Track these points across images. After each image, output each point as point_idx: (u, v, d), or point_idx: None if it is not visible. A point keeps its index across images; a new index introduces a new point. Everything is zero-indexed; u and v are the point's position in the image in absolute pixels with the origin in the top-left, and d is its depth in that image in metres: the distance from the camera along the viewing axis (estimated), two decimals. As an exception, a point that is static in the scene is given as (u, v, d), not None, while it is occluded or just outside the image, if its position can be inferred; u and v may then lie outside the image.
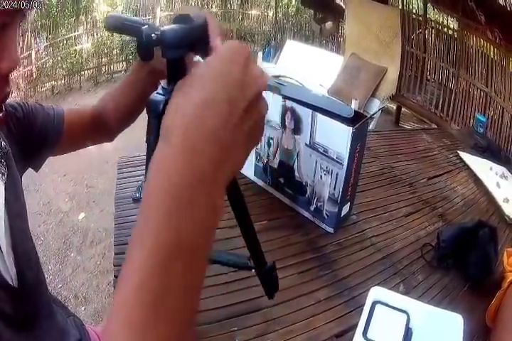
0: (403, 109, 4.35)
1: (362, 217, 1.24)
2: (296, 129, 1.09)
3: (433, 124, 3.54)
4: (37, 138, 0.62)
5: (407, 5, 4.12)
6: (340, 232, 1.15)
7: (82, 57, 6.51)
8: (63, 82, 6.24)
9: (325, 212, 1.12)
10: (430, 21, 3.93)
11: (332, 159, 1.03)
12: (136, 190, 1.26)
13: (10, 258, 0.54)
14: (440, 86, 3.76)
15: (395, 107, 4.54)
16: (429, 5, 3.94)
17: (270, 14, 8.09)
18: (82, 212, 3.34)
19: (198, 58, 0.39)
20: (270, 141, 1.20)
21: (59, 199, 3.49)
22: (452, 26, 3.72)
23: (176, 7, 7.72)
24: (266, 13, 8.21)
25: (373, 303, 0.87)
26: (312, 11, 6.41)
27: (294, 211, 1.21)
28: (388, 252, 1.12)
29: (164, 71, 0.40)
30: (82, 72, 6.48)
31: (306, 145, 1.09)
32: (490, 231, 1.09)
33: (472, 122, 2.96)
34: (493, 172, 1.75)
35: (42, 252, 2.85)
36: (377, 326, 0.82)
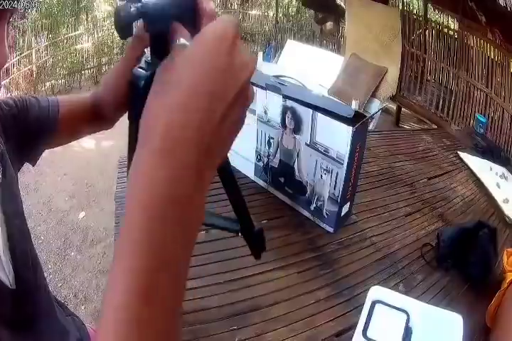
0: (403, 109, 4.35)
1: (362, 217, 1.24)
2: (297, 129, 1.10)
3: (433, 125, 3.52)
4: (32, 132, 0.61)
5: (407, 5, 4.12)
6: (340, 232, 1.15)
7: (82, 57, 6.51)
8: (63, 81, 6.25)
9: (325, 211, 1.12)
10: (430, 22, 3.92)
11: (332, 159, 1.03)
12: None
13: (7, 259, 0.54)
14: (440, 86, 3.75)
15: (395, 107, 4.53)
16: (429, 5, 3.94)
17: (271, 14, 8.10)
18: (83, 211, 3.34)
19: (182, 41, 0.34)
20: (271, 140, 1.20)
21: (59, 199, 3.49)
22: (453, 27, 3.71)
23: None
24: (266, 13, 8.22)
25: (373, 303, 0.87)
26: (313, 11, 6.41)
27: (294, 210, 1.21)
28: (388, 252, 1.12)
29: None
30: (83, 72, 6.49)
31: (307, 144, 1.09)
32: (489, 231, 1.10)
33: (472, 123, 2.96)
34: (493, 173, 1.75)
35: (42, 251, 2.85)
36: (377, 325, 0.82)
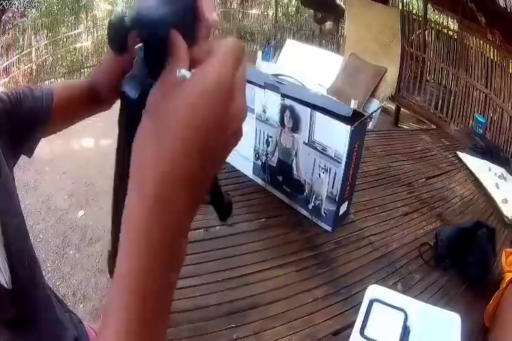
0: (402, 109, 4.35)
1: (360, 216, 1.24)
2: (295, 128, 1.10)
3: (432, 125, 3.53)
4: (26, 125, 0.60)
5: (407, 5, 4.12)
6: (338, 231, 1.15)
7: (82, 55, 6.51)
8: (63, 79, 6.23)
9: (323, 210, 1.12)
10: (430, 22, 3.93)
11: (330, 157, 1.03)
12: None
13: (2, 258, 0.54)
14: (440, 86, 3.75)
15: (394, 107, 4.53)
16: (429, 5, 3.94)
17: (270, 13, 8.10)
18: (81, 209, 3.33)
19: (182, 71, 0.28)
20: (269, 139, 1.20)
21: (58, 197, 3.49)
22: (452, 27, 3.72)
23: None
24: (266, 13, 8.23)
25: (371, 301, 0.87)
26: (312, 11, 6.41)
27: (293, 209, 1.21)
28: (386, 251, 1.12)
29: None
30: (82, 70, 6.48)
31: (305, 143, 1.09)
32: (488, 231, 1.10)
33: (471, 123, 2.96)
34: (492, 173, 1.75)
35: (41, 250, 2.85)
36: (374, 324, 0.82)
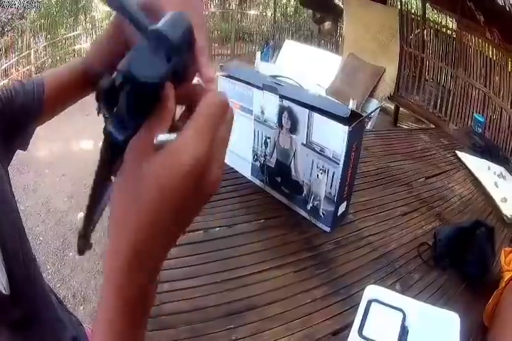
0: (401, 109, 4.35)
1: (358, 216, 1.24)
2: (293, 129, 1.10)
3: (431, 124, 3.53)
4: (19, 121, 0.59)
5: (405, 5, 4.12)
6: (336, 231, 1.15)
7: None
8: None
9: (321, 211, 1.12)
10: (429, 21, 3.93)
11: (328, 158, 1.03)
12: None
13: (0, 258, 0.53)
14: (438, 86, 3.76)
15: (393, 107, 4.53)
16: (427, 5, 3.94)
17: (269, 14, 8.11)
18: (81, 211, 3.33)
19: (161, 137, 0.28)
20: (267, 140, 1.20)
21: (58, 199, 3.49)
22: (451, 26, 3.71)
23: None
24: (264, 13, 8.24)
25: (369, 301, 0.87)
26: (311, 11, 6.42)
27: (291, 210, 1.21)
28: (385, 251, 1.12)
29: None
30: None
31: (303, 144, 1.09)
32: (487, 230, 1.10)
33: (470, 122, 2.96)
34: (491, 172, 1.75)
35: (41, 252, 2.85)
36: (373, 324, 0.83)
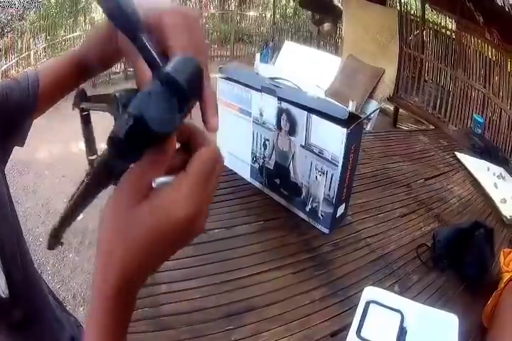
0: (401, 110, 4.36)
1: (357, 218, 1.25)
2: (292, 131, 1.10)
3: (431, 125, 3.54)
4: (15, 119, 0.58)
5: (405, 6, 4.13)
6: (335, 233, 1.16)
7: (80, 59, 6.51)
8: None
9: (320, 212, 1.13)
10: (428, 22, 3.93)
11: (327, 160, 1.04)
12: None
13: None
14: (438, 87, 3.76)
15: (392, 108, 4.54)
16: (427, 6, 3.95)
17: (268, 15, 8.13)
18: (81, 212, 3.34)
19: (161, 181, 0.30)
20: (266, 142, 1.20)
21: (58, 201, 3.49)
22: (450, 27, 3.72)
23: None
24: (264, 15, 8.25)
25: (367, 303, 0.88)
26: (310, 12, 6.42)
27: (290, 212, 1.22)
28: (383, 253, 1.12)
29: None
30: (81, 73, 6.48)
31: (302, 146, 1.09)
32: (486, 231, 1.10)
33: (470, 123, 2.97)
34: (491, 173, 1.75)
35: (40, 253, 2.85)
36: (371, 325, 0.83)
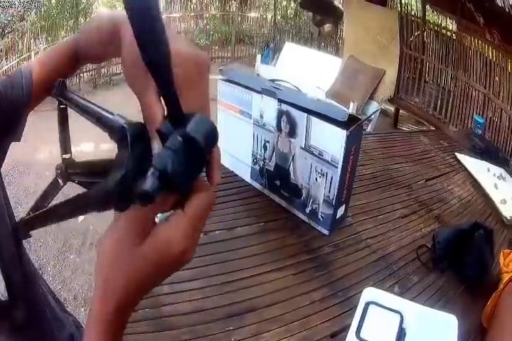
0: (401, 111, 4.36)
1: (357, 219, 1.25)
2: (292, 133, 1.11)
3: (431, 126, 3.55)
4: (10, 117, 0.56)
5: (405, 7, 4.13)
6: (335, 234, 1.16)
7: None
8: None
9: (320, 214, 1.13)
10: (429, 23, 3.94)
11: (327, 162, 1.04)
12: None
13: None
14: (438, 88, 3.77)
15: (393, 109, 4.54)
16: (427, 7, 3.95)
17: (269, 16, 8.13)
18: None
19: (163, 216, 0.33)
20: (266, 144, 1.21)
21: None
22: (451, 28, 3.73)
23: (176, 9, 7.71)
24: (265, 16, 8.25)
25: (366, 304, 0.88)
26: (311, 13, 6.44)
27: (290, 213, 1.22)
28: (383, 253, 1.12)
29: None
30: (81, 74, 6.49)
31: (302, 148, 1.10)
32: (486, 232, 1.10)
33: (470, 124, 2.97)
34: (491, 174, 1.75)
35: (41, 254, 2.86)
36: (370, 326, 0.83)
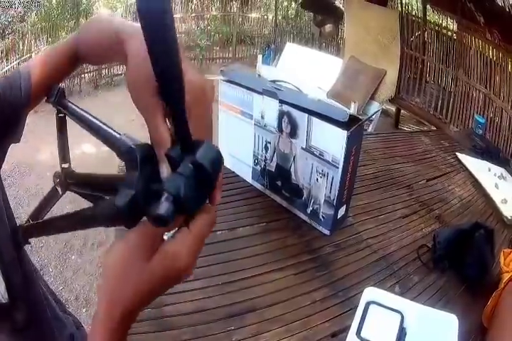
0: (402, 111, 4.36)
1: (358, 219, 1.25)
2: (293, 133, 1.11)
3: (432, 126, 3.55)
4: (9, 119, 0.57)
5: (406, 7, 4.13)
6: (336, 234, 1.16)
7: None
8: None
9: (321, 214, 1.13)
10: (429, 23, 3.94)
11: (328, 162, 1.04)
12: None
13: None
14: (439, 88, 3.77)
15: (394, 109, 4.54)
16: (428, 7, 3.95)
17: (270, 17, 8.12)
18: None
19: (170, 234, 0.35)
20: (267, 144, 1.21)
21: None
22: (451, 28, 3.73)
23: (177, 10, 7.72)
24: (266, 16, 8.24)
25: (367, 303, 0.88)
26: (312, 14, 6.43)
27: (291, 213, 1.23)
28: (384, 253, 1.13)
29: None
30: (83, 75, 6.48)
31: (303, 148, 1.10)
32: (486, 232, 1.10)
33: (471, 124, 2.97)
34: (492, 174, 1.75)
35: (43, 254, 2.87)
36: (371, 326, 0.84)
